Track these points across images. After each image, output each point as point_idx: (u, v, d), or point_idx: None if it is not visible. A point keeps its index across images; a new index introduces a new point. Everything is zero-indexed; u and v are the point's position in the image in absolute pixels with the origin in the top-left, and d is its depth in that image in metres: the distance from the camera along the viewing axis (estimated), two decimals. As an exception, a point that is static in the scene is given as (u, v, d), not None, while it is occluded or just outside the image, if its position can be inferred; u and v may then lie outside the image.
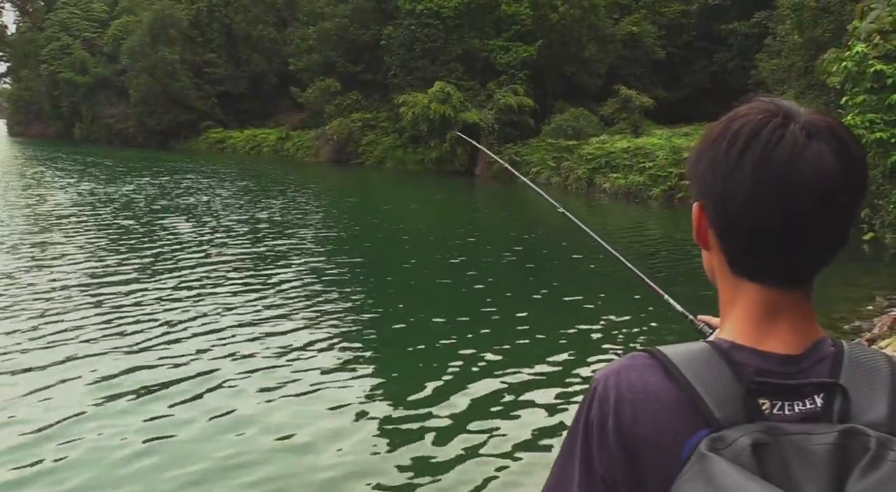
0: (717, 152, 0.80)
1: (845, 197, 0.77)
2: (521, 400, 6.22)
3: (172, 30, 49.20)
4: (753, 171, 0.76)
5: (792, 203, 0.75)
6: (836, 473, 0.68)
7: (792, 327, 0.82)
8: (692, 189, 0.86)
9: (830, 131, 0.76)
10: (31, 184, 23.68)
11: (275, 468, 4.90)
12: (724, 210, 0.80)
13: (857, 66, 12.00)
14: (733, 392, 0.75)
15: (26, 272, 10.30)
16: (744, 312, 0.83)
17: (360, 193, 26.08)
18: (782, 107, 0.80)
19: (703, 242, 0.87)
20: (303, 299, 9.47)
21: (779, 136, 0.76)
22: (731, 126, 0.80)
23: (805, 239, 0.78)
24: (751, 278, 0.82)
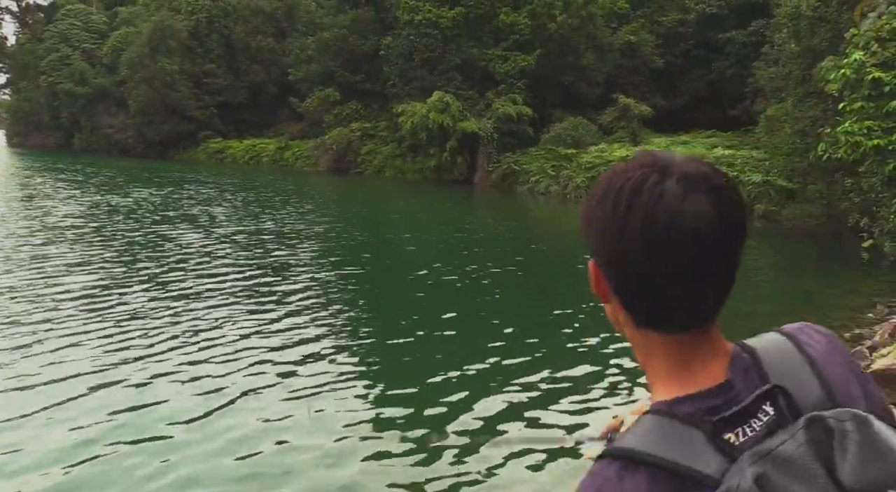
0: (604, 213, 0.82)
1: (727, 241, 0.81)
2: (529, 413, 6.16)
3: (172, 41, 49.38)
4: (639, 228, 0.79)
5: (679, 255, 0.78)
6: (825, 466, 0.70)
7: (711, 358, 0.85)
8: (586, 246, 0.88)
9: (706, 181, 0.80)
10: (33, 194, 23.63)
11: (285, 481, 4.87)
12: (618, 267, 0.83)
13: (855, 73, 12.04)
14: (702, 444, 0.77)
15: (33, 285, 10.18)
16: (665, 365, 0.86)
17: (364, 203, 26.02)
18: (659, 160, 0.82)
19: (602, 296, 0.89)
20: (310, 310, 9.40)
21: (658, 192, 0.78)
22: (612, 186, 0.82)
23: (697, 286, 0.81)
24: (657, 330, 0.85)
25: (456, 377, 6.99)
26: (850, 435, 0.72)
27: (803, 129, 19.22)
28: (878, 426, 0.74)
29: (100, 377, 6.70)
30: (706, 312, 0.84)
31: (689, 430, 0.78)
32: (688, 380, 0.83)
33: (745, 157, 25.33)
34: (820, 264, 15.92)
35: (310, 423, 5.87)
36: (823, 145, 13.93)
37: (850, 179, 15.65)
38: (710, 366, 0.84)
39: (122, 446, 5.35)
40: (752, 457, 0.73)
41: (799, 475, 0.70)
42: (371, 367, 7.54)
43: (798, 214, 21.06)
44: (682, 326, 0.84)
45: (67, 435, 5.52)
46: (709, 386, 0.82)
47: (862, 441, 0.72)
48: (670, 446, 0.77)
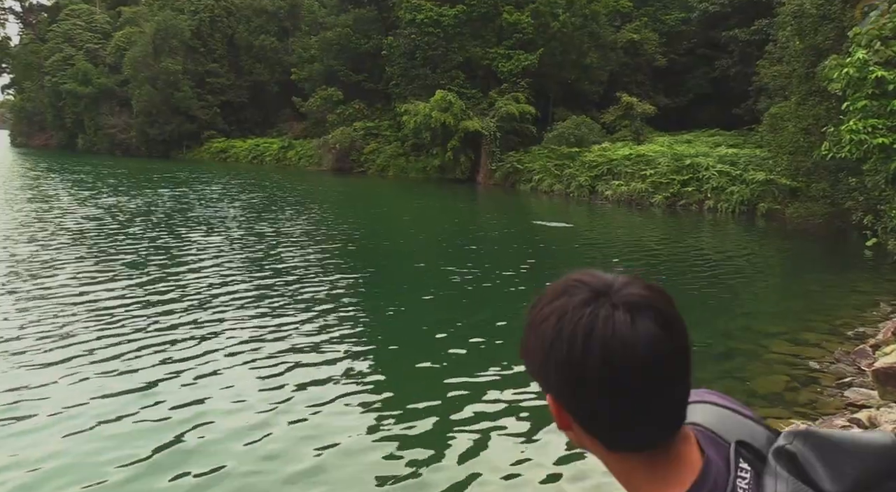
0: (559, 353, 0.84)
1: (679, 356, 0.84)
2: (538, 421, 6.17)
3: (175, 40, 49.46)
4: (599, 363, 0.81)
5: (639, 380, 0.82)
6: (812, 487, 0.79)
7: (685, 448, 0.88)
8: (541, 384, 0.90)
9: (649, 305, 0.83)
10: (46, 196, 23.50)
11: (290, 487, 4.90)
12: (582, 401, 0.85)
13: (858, 72, 12.00)
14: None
15: (58, 291, 10.06)
16: (648, 477, 0.88)
17: (374, 204, 25.95)
18: (598, 290, 0.85)
19: (566, 427, 0.91)
20: (328, 315, 9.37)
21: (610, 326, 0.81)
22: (563, 325, 0.84)
23: (662, 404, 0.84)
24: (631, 451, 0.88)
25: (478, 386, 6.97)
26: (806, 454, 0.81)
27: (807, 127, 19.19)
28: (821, 433, 0.82)
29: (122, 382, 6.73)
30: (674, 421, 0.87)
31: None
32: (676, 479, 0.86)
33: (749, 155, 25.30)
34: (823, 263, 15.90)
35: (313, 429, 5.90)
36: (827, 144, 13.90)
37: (854, 177, 15.63)
38: (686, 457, 0.87)
39: (143, 450, 5.39)
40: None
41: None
42: (381, 372, 7.55)
43: (802, 213, 21.03)
44: (653, 442, 0.86)
45: (85, 440, 5.54)
46: (696, 474, 0.86)
47: (819, 452, 0.80)
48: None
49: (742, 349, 8.35)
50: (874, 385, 6.63)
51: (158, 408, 6.06)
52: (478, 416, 6.09)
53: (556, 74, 35.95)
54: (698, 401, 0.96)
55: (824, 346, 8.26)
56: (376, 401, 6.40)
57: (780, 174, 22.29)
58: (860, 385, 6.75)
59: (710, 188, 24.86)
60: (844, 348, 8.03)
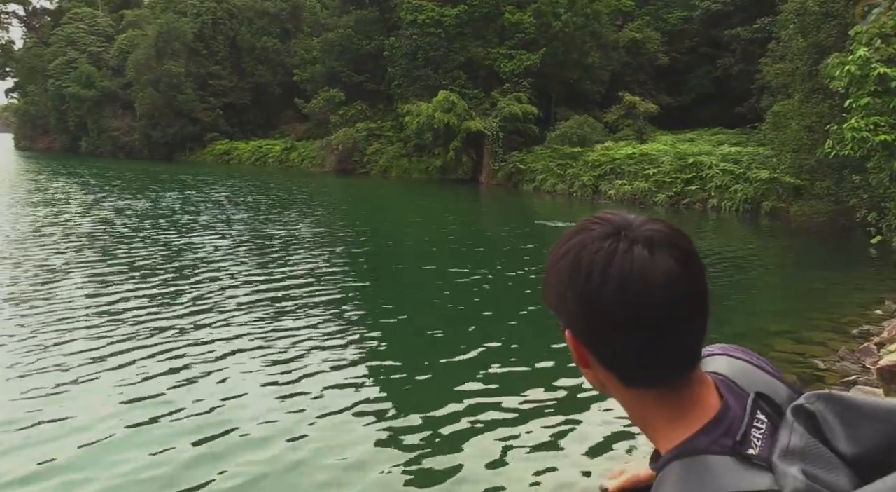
0: (577, 286, 0.84)
1: (696, 294, 0.84)
2: (542, 420, 6.15)
3: (177, 43, 49.57)
4: (616, 296, 0.81)
5: (657, 315, 0.82)
6: (828, 447, 0.78)
7: (704, 391, 0.89)
8: (559, 319, 0.90)
9: (669, 241, 0.84)
10: (56, 200, 23.45)
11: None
12: (600, 335, 0.86)
13: (860, 69, 11.99)
14: (739, 466, 0.80)
15: (75, 294, 10.09)
16: (664, 415, 0.88)
17: (379, 205, 25.96)
18: (619, 226, 0.85)
19: (583, 364, 0.91)
20: (338, 318, 9.36)
21: (629, 259, 0.82)
22: (582, 258, 0.84)
23: (678, 341, 0.84)
24: (648, 387, 0.88)
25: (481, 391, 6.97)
26: (826, 414, 0.80)
27: (810, 125, 19.15)
28: (842, 396, 0.81)
29: (138, 389, 6.75)
30: (690, 360, 0.87)
31: (720, 459, 0.81)
32: (692, 418, 0.86)
33: (752, 154, 25.27)
34: (828, 261, 15.86)
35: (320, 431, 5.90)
36: (831, 142, 13.88)
37: (858, 175, 15.59)
38: (705, 398, 0.88)
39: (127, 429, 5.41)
40: (782, 459, 0.78)
41: (819, 461, 0.77)
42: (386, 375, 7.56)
43: (806, 211, 20.99)
44: (670, 379, 0.87)
45: (93, 440, 5.55)
46: (712, 415, 0.86)
47: (839, 414, 0.79)
48: (713, 480, 0.79)
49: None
50: (879, 383, 6.62)
51: (172, 416, 6.03)
52: (495, 421, 6.01)
53: (559, 74, 35.94)
54: (722, 353, 0.98)
55: (829, 344, 8.24)
56: (391, 407, 6.33)
57: (783, 172, 22.24)
58: (865, 383, 6.74)
59: (714, 187, 24.82)
60: (849, 347, 8.01)
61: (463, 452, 5.43)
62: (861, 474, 0.75)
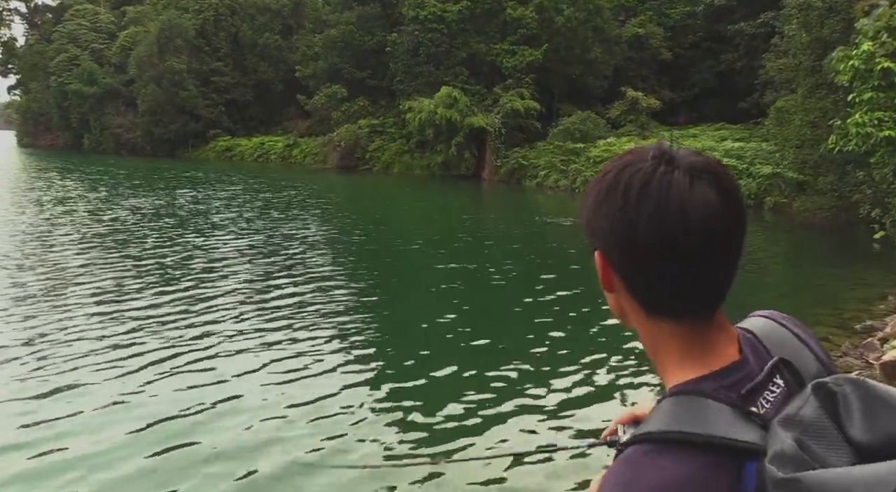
0: (613, 204, 0.84)
1: (733, 228, 0.83)
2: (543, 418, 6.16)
3: (179, 39, 49.58)
4: (651, 218, 0.81)
5: (690, 242, 0.80)
6: (838, 428, 0.76)
7: (722, 339, 0.88)
8: (591, 239, 0.89)
9: (711, 171, 0.82)
10: (68, 198, 23.30)
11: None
12: (630, 258, 0.85)
13: (864, 64, 11.95)
14: (734, 416, 0.80)
15: (96, 295, 10.02)
16: (678, 351, 0.87)
17: (383, 202, 25.83)
18: (665, 152, 0.84)
19: (609, 287, 0.90)
20: (353, 319, 9.36)
21: (667, 182, 0.81)
22: (621, 177, 0.84)
23: (707, 273, 0.83)
24: (668, 318, 0.87)
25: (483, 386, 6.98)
26: (850, 397, 0.77)
27: (813, 120, 19.10)
28: (874, 385, 0.79)
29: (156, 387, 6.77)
30: (715, 297, 0.86)
31: (718, 405, 0.80)
32: (704, 361, 0.85)
33: (755, 149, 25.21)
34: (831, 256, 15.83)
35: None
36: (834, 137, 13.84)
37: (862, 170, 15.55)
38: (721, 347, 0.86)
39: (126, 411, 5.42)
40: (782, 423, 0.77)
41: (822, 438, 0.75)
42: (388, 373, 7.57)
43: (809, 206, 20.94)
44: (693, 313, 0.86)
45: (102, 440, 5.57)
46: (726, 364, 0.85)
47: (864, 400, 0.77)
48: (703, 421, 0.79)
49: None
50: (882, 379, 6.61)
51: (186, 413, 6.04)
52: (499, 418, 5.96)
53: (561, 70, 35.88)
54: (766, 316, 0.97)
55: (832, 339, 8.22)
56: (394, 404, 6.31)
57: (786, 168, 22.19)
58: (868, 378, 6.72)
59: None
60: (852, 342, 7.99)
61: (473, 446, 5.44)
62: (865, 462, 0.73)
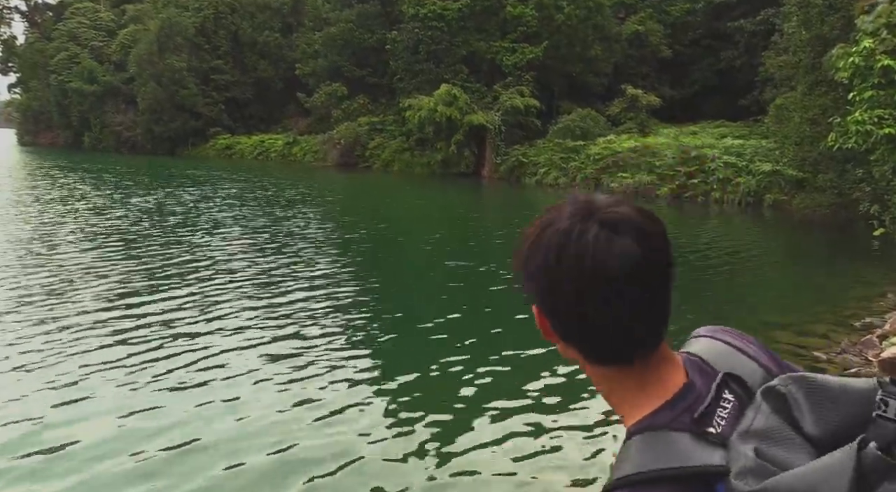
0: (538, 265, 0.87)
1: (656, 277, 0.85)
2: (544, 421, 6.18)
3: (179, 37, 49.54)
4: (571, 276, 0.83)
5: (614, 297, 0.83)
6: (793, 427, 0.79)
7: (667, 369, 0.90)
8: (525, 293, 0.92)
9: (628, 222, 0.84)
10: (74, 197, 23.20)
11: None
12: (559, 313, 0.88)
13: (864, 61, 11.95)
14: (694, 443, 0.82)
15: (102, 294, 10.12)
16: (628, 392, 0.90)
17: (385, 200, 25.68)
18: (581, 207, 0.86)
19: (552, 339, 0.92)
20: (359, 318, 9.38)
21: (585, 241, 0.83)
22: (542, 237, 0.87)
23: (635, 323, 0.85)
24: (610, 364, 0.89)
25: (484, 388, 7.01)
26: (797, 395, 0.80)
27: (813, 117, 19.11)
28: (816, 378, 0.82)
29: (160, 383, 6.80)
30: (652, 339, 0.88)
31: (677, 434, 0.83)
32: (655, 394, 0.88)
33: (755, 146, 25.22)
34: (830, 253, 15.85)
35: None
36: (834, 135, 13.85)
37: (861, 167, 15.57)
38: (668, 376, 0.89)
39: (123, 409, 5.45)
40: (739, 438, 0.79)
41: (779, 441, 0.78)
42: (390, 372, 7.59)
43: (808, 204, 20.96)
44: (632, 357, 0.88)
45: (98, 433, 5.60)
46: (675, 392, 0.87)
47: (809, 395, 0.80)
48: (669, 454, 0.81)
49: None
50: (880, 375, 6.63)
51: (176, 413, 6.08)
52: (502, 416, 5.97)
53: (561, 67, 35.85)
54: (707, 335, 0.99)
55: (831, 336, 8.25)
56: (395, 401, 6.32)
57: (786, 165, 22.21)
58: (867, 375, 6.73)
59: (717, 180, 24.79)
60: (851, 339, 8.02)
61: (474, 446, 5.46)
62: (824, 454, 0.75)
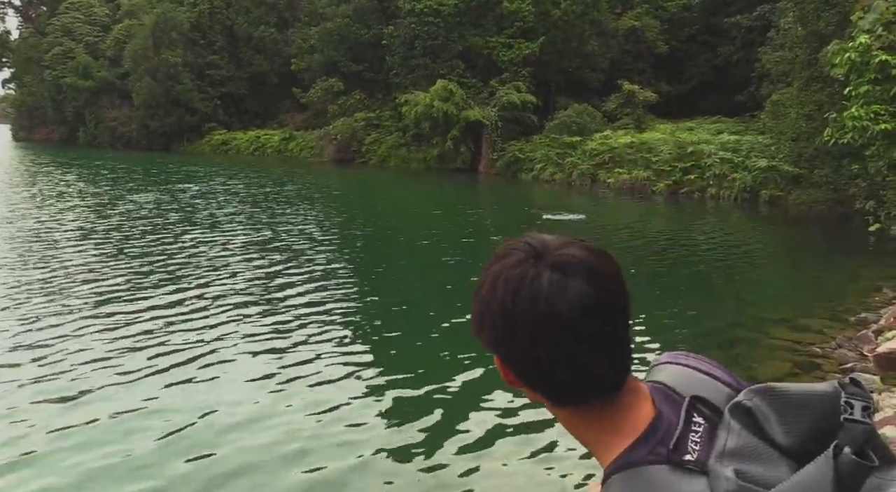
0: (493, 313, 0.86)
1: (613, 313, 0.85)
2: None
3: (174, 33, 49.31)
4: (526, 322, 0.83)
5: (571, 340, 0.82)
6: (764, 440, 0.78)
7: (636, 403, 0.88)
8: (483, 344, 0.91)
9: (578, 264, 0.83)
10: (77, 194, 22.98)
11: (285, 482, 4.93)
12: (518, 360, 0.87)
13: (860, 56, 11.95)
14: (674, 474, 0.80)
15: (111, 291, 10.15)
16: (597, 431, 0.89)
17: (383, 196, 25.65)
18: (532, 250, 0.86)
19: (515, 385, 0.91)
20: (359, 314, 9.36)
21: (536, 286, 0.82)
22: (496, 285, 0.86)
23: (595, 364, 0.85)
24: (576, 404, 0.89)
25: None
26: (762, 408, 0.80)
27: (809, 113, 19.13)
28: (777, 387, 0.82)
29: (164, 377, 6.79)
30: (615, 376, 0.87)
31: (655, 468, 0.81)
32: (625, 432, 0.86)
33: (751, 142, 25.23)
34: (826, 249, 15.89)
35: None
36: (830, 130, 13.85)
37: (857, 163, 15.59)
38: (637, 410, 0.88)
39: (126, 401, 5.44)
40: (717, 460, 0.78)
41: (756, 458, 0.77)
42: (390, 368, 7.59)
43: (804, 200, 21.01)
44: (597, 396, 0.87)
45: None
46: (646, 425, 0.86)
47: (773, 406, 0.80)
48: (651, 489, 0.80)
49: (744, 336, 8.38)
50: (876, 370, 6.66)
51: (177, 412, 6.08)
52: (501, 413, 6.02)
53: (557, 63, 35.81)
54: (668, 361, 0.98)
55: (827, 332, 8.28)
56: (406, 404, 6.29)
57: (782, 161, 22.24)
58: (862, 370, 6.77)
59: (713, 175, 24.80)
60: (847, 334, 8.04)
61: (473, 445, 5.46)
62: (802, 464, 0.75)
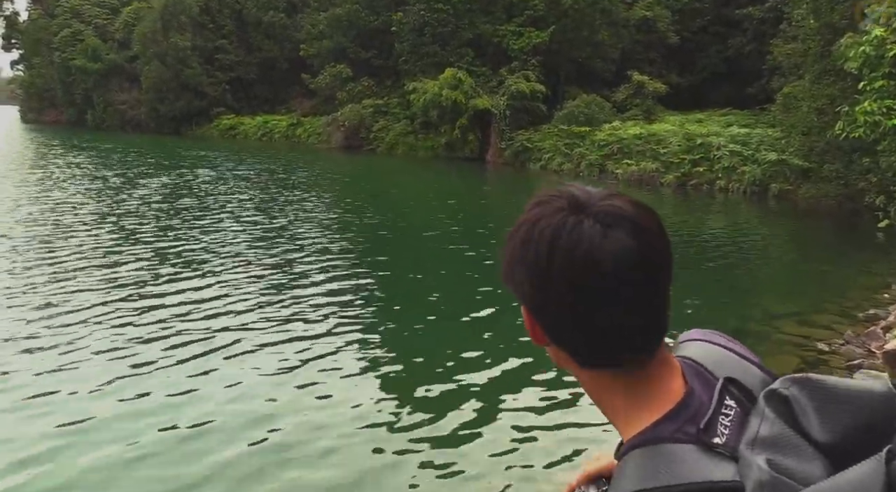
0: (528, 260, 0.81)
1: (653, 273, 0.79)
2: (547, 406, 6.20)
3: (183, 16, 49.20)
4: (563, 272, 0.78)
5: (610, 294, 0.77)
6: (798, 432, 0.73)
7: (667, 376, 0.84)
8: (514, 294, 0.86)
9: (622, 216, 0.79)
10: (91, 176, 22.97)
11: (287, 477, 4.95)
12: (550, 312, 0.82)
13: (875, 50, 11.81)
14: (702, 456, 0.76)
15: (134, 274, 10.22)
16: (623, 400, 0.84)
17: (391, 184, 25.67)
18: (574, 200, 0.81)
19: (540, 342, 0.87)
20: (364, 306, 9.40)
21: (577, 234, 0.78)
22: (532, 233, 0.81)
23: (631, 322, 0.80)
24: (605, 368, 0.84)
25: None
26: (800, 398, 0.75)
27: (821, 107, 18.97)
28: (820, 379, 0.77)
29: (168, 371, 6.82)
30: (649, 340, 0.82)
31: (682, 447, 0.77)
32: (654, 403, 0.82)
33: (761, 135, 25.07)
34: (835, 244, 15.82)
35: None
36: (841, 124, 13.73)
37: (868, 158, 15.48)
38: (668, 384, 0.83)
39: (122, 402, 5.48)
40: (748, 448, 0.74)
41: (790, 450, 0.72)
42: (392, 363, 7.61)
43: (814, 194, 20.88)
44: (629, 359, 0.82)
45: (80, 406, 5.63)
46: (676, 400, 0.81)
47: (813, 398, 0.75)
48: (676, 470, 0.75)
49: (752, 330, 8.36)
50: (884, 367, 6.64)
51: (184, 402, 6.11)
52: (504, 411, 6.00)
53: (568, 52, 35.58)
54: (700, 338, 0.94)
55: (834, 327, 8.25)
56: (412, 396, 6.25)
57: (792, 154, 22.09)
58: (870, 367, 6.75)
59: (722, 168, 24.67)
60: (855, 330, 8.02)
61: (474, 441, 5.47)
62: (836, 462, 0.70)
